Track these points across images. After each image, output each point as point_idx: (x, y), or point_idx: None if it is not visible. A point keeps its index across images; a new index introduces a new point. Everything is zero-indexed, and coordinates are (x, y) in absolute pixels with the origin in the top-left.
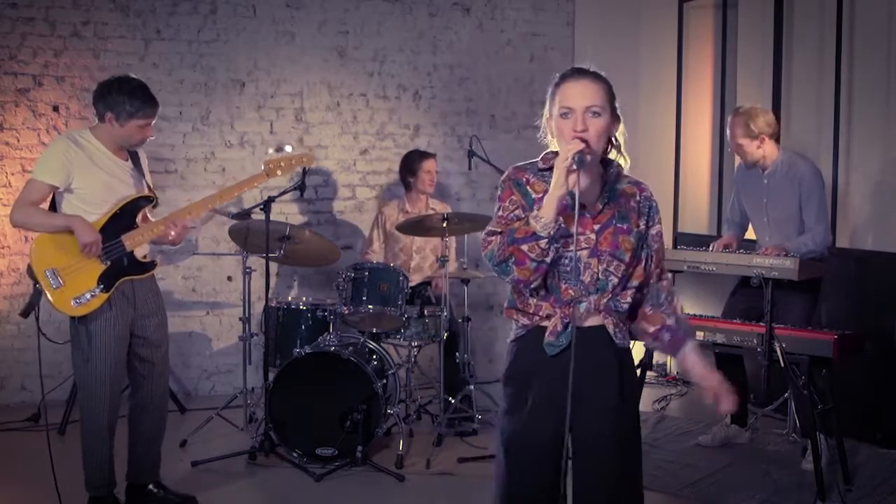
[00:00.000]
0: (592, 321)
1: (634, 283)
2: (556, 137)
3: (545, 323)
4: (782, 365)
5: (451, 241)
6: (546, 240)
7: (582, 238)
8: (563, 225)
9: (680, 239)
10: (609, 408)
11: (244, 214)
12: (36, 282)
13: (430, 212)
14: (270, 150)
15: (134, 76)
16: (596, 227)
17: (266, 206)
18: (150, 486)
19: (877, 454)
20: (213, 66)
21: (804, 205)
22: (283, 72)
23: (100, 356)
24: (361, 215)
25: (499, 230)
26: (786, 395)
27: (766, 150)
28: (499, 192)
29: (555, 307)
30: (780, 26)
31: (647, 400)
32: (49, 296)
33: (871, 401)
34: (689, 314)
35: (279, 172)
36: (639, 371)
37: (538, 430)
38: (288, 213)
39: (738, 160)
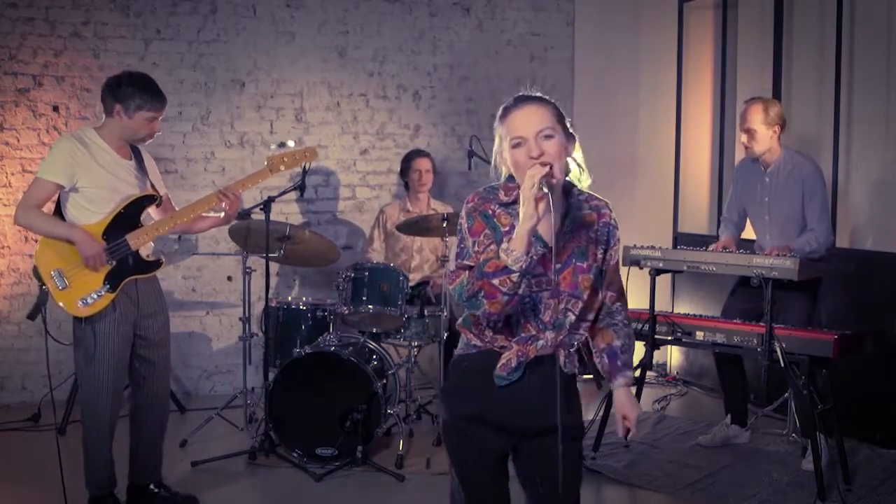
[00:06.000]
0: (544, 351)
1: (590, 315)
2: (513, 171)
3: (498, 349)
4: (782, 365)
5: (452, 241)
6: (518, 273)
7: (543, 280)
8: (534, 258)
9: (680, 239)
10: (556, 430)
11: (244, 214)
12: (42, 283)
13: (431, 212)
14: (273, 146)
15: (142, 72)
16: (557, 266)
17: (266, 206)
18: (151, 486)
19: (877, 454)
20: (213, 66)
21: (807, 204)
22: (283, 72)
23: (103, 357)
24: (361, 215)
25: (471, 265)
26: (786, 395)
27: (774, 143)
28: (467, 224)
29: (510, 341)
30: (780, 26)
31: (647, 400)
32: (56, 297)
33: (871, 401)
34: (688, 314)
35: (282, 168)
36: (638, 371)
37: (485, 452)
38: (288, 213)
39: (738, 159)
